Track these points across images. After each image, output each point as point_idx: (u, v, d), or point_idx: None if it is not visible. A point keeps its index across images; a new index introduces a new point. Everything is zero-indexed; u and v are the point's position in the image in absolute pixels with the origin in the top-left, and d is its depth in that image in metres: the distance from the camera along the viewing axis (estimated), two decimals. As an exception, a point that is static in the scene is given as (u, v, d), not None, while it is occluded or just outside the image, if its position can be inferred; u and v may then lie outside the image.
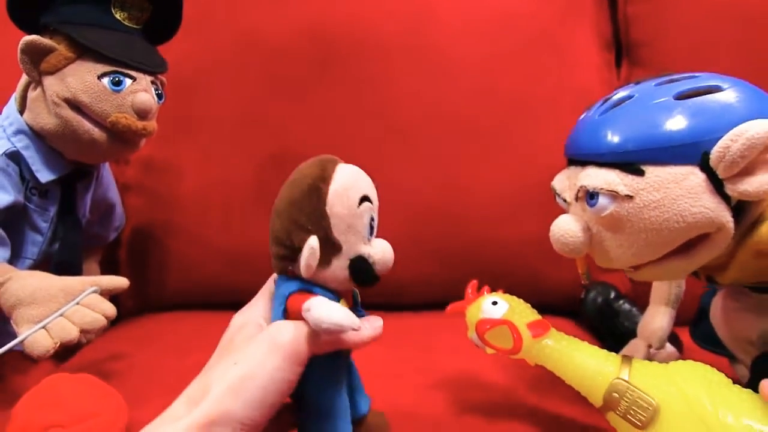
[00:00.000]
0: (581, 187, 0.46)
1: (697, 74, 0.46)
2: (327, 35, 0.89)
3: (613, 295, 0.79)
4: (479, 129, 0.86)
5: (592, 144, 0.46)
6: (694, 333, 0.65)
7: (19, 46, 0.62)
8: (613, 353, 0.48)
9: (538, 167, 0.81)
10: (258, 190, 0.87)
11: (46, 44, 0.63)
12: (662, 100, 0.44)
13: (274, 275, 0.45)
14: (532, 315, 0.51)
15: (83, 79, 0.63)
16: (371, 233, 0.43)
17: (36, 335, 0.54)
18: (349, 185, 0.41)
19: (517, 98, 0.87)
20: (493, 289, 0.54)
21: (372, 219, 0.43)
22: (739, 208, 0.44)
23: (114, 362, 0.69)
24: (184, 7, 0.72)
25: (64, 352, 0.74)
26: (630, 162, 0.43)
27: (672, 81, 0.46)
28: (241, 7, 0.91)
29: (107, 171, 0.82)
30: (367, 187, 0.43)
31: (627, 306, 0.76)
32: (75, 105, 0.64)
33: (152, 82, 0.69)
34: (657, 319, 0.65)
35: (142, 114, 0.66)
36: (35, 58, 0.64)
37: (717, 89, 0.43)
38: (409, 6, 0.90)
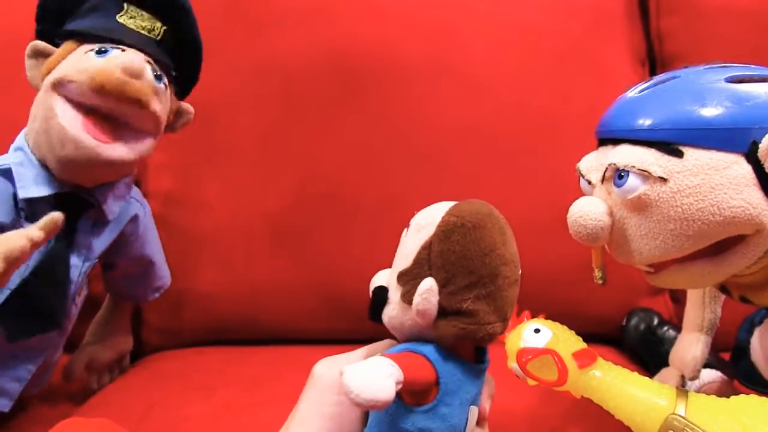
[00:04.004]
0: (610, 164, 0.43)
1: (750, 65, 0.43)
2: (349, 59, 0.87)
3: (656, 321, 0.76)
4: (510, 150, 0.84)
5: (627, 121, 0.44)
6: (736, 371, 0.61)
7: (26, 51, 0.62)
8: (668, 385, 0.44)
9: (572, 188, 0.79)
10: (282, 222, 0.85)
11: (46, 47, 0.62)
12: (712, 81, 0.41)
13: None
14: (578, 343, 0.48)
15: (70, 59, 0.60)
16: None
17: None
18: None
19: (548, 117, 0.85)
20: (534, 315, 0.50)
21: None
22: None
23: (135, 403, 0.67)
24: (202, 34, 0.69)
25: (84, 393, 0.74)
26: (668, 142, 0.40)
27: (724, 67, 0.43)
28: (260, 33, 0.90)
29: (145, 224, 0.75)
30: None
31: (672, 333, 0.72)
32: (61, 84, 0.59)
33: (149, 63, 0.62)
34: (689, 346, 0.61)
35: (129, 72, 0.58)
36: (38, 63, 0.62)
37: None
38: (433, 26, 0.89)
